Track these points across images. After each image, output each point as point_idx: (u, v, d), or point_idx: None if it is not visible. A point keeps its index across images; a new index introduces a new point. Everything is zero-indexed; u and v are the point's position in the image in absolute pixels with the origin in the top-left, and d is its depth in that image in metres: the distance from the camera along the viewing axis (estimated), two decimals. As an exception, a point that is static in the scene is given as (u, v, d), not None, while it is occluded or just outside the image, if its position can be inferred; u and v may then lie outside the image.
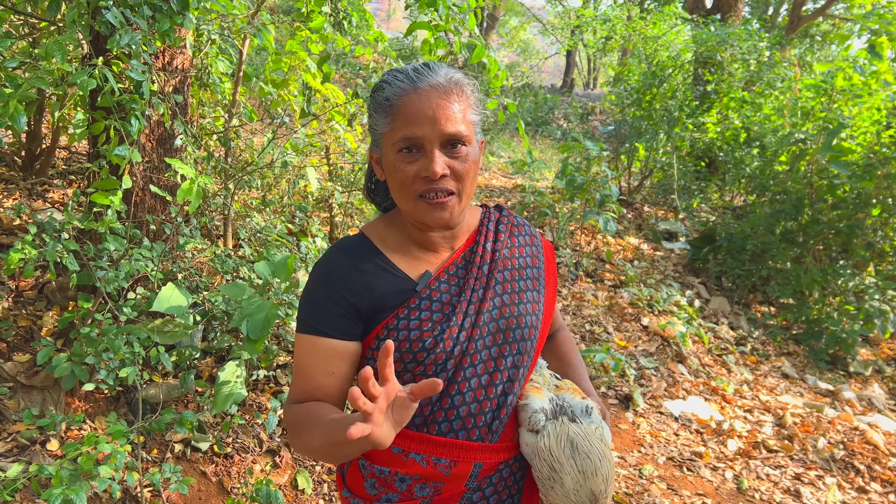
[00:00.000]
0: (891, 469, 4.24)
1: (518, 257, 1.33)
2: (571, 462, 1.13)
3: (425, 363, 1.18)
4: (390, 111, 1.16)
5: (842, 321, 5.92)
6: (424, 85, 1.15)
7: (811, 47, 17.14)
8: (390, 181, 1.21)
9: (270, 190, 3.88)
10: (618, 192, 6.49)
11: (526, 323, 1.27)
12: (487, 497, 1.26)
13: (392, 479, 1.24)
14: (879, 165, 6.13)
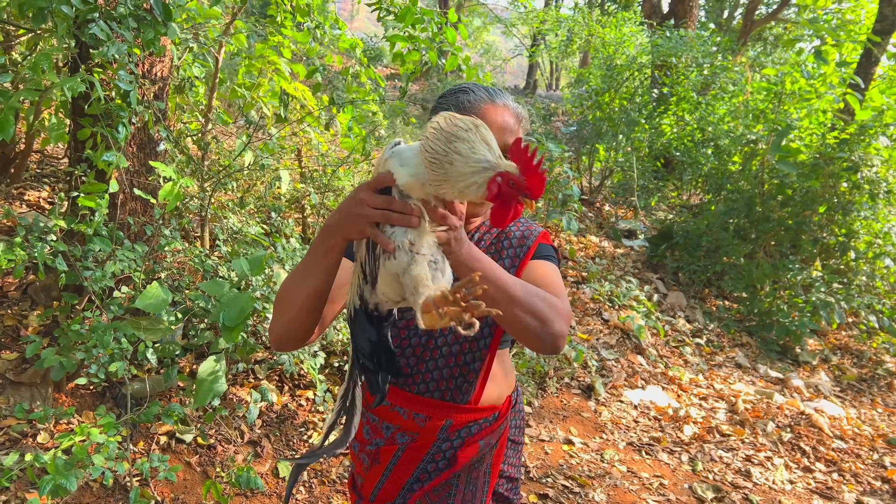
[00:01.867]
0: (834, 450, 4.54)
1: (504, 241, 1.51)
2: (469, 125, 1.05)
3: (399, 326, 1.43)
4: (468, 112, 1.40)
5: (791, 313, 6.24)
6: (500, 102, 1.44)
7: (764, 50, 17.71)
8: None
9: (247, 192, 4.00)
10: (579, 192, 6.72)
11: None
12: (455, 448, 1.47)
13: (380, 426, 1.51)
14: (825, 165, 6.47)
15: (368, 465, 1.54)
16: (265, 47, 3.88)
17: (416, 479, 1.50)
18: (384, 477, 1.51)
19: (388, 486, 1.50)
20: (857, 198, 6.41)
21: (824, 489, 4.08)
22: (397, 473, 1.50)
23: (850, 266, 6.61)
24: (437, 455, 1.49)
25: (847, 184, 6.43)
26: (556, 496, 3.44)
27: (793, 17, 15.39)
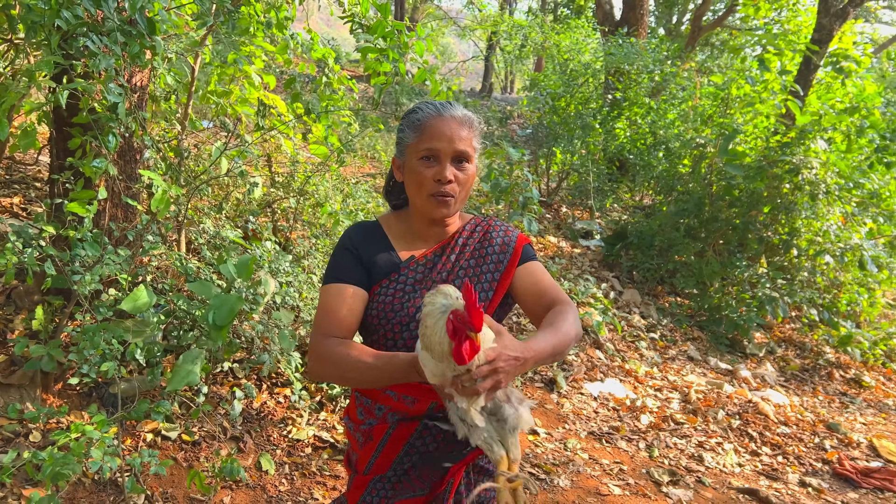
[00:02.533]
0: (779, 435, 4.86)
1: (487, 249, 1.68)
2: (434, 295, 1.31)
3: (392, 322, 1.57)
4: (419, 129, 1.58)
5: (739, 308, 6.59)
6: (448, 114, 1.59)
7: (712, 55, 18.33)
8: (409, 181, 1.61)
9: (225, 198, 4.10)
10: (537, 195, 6.96)
11: (479, 298, 1.61)
12: (440, 428, 1.64)
13: (373, 407, 1.66)
14: (769, 167, 6.84)
15: (362, 442, 1.69)
16: (237, 56, 4.00)
17: (406, 453, 1.65)
18: (377, 452, 1.66)
19: (380, 461, 1.66)
20: (798, 198, 6.79)
21: (770, 471, 4.38)
22: (389, 449, 1.65)
23: (792, 263, 7.00)
24: (424, 432, 1.64)
25: (789, 185, 6.81)
26: (523, 483, 3.64)
27: (738, 24, 15.97)
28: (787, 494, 4.11)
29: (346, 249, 1.64)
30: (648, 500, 3.76)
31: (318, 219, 4.44)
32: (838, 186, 6.74)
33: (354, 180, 5.27)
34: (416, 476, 1.67)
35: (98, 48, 2.53)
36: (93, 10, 2.62)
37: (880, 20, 23.95)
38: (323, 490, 3.16)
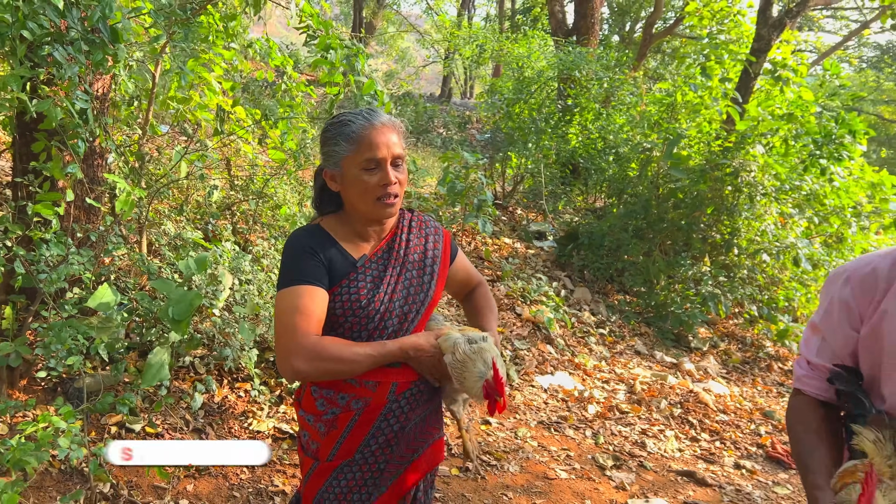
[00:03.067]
0: (718, 422, 5.16)
1: (426, 244, 1.89)
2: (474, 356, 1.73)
3: (360, 316, 1.72)
4: (354, 140, 1.69)
5: (684, 305, 6.91)
6: (378, 123, 1.71)
7: (663, 62, 18.88)
8: (352, 190, 1.72)
9: (185, 200, 4.23)
10: (492, 197, 7.20)
11: (427, 288, 1.85)
12: (402, 406, 1.81)
13: (335, 397, 1.77)
14: (711, 171, 7.19)
15: (325, 431, 1.78)
16: (197, 64, 4.13)
17: (372, 436, 1.77)
18: (342, 439, 1.77)
19: (346, 446, 1.77)
20: (738, 200, 7.16)
21: (708, 455, 4.67)
22: (354, 434, 1.77)
23: (734, 261, 7.37)
24: (388, 415, 1.78)
25: (730, 187, 7.17)
26: (475, 468, 3.85)
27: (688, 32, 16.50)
28: (722, 476, 4.39)
29: (304, 253, 1.70)
30: (593, 482, 3.99)
31: (277, 221, 4.58)
32: (775, 188, 7.11)
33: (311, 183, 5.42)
34: (383, 457, 1.80)
35: (63, 57, 2.66)
36: (57, 20, 2.75)
37: (823, 29, 24.90)
38: (283, 478, 3.32)
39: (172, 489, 3.02)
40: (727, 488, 4.23)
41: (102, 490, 2.84)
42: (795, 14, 9.13)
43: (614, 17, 20.76)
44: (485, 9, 30.31)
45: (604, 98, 9.35)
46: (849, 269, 1.54)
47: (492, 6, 29.18)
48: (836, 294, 1.54)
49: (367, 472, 1.79)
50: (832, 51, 21.45)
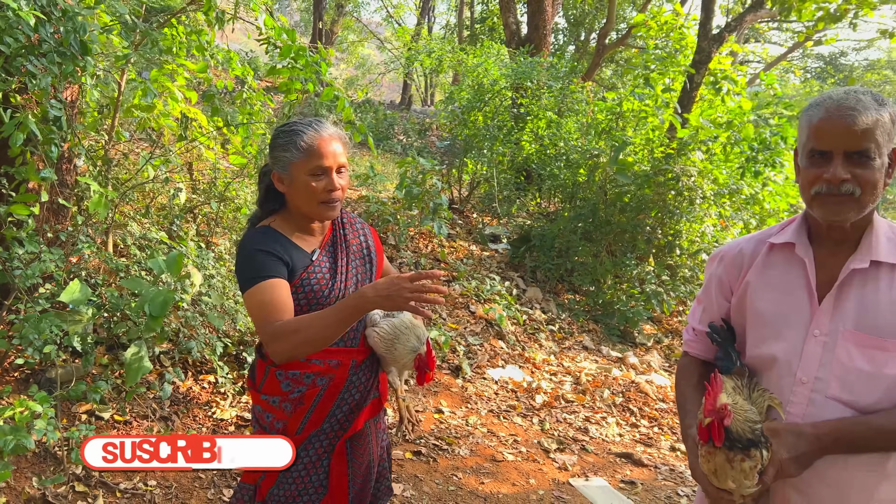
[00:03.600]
0: (656, 410, 5.52)
1: (360, 237, 2.16)
2: (407, 331, 2.01)
3: (322, 305, 1.92)
4: (303, 149, 1.87)
5: (629, 303, 7.30)
6: (325, 133, 1.91)
7: (616, 72, 19.47)
8: (298, 193, 1.90)
9: (151, 203, 4.42)
10: (448, 202, 7.50)
11: (370, 274, 2.13)
12: (360, 377, 2.06)
13: (301, 377, 1.96)
14: (654, 176, 7.60)
15: (291, 409, 1.96)
16: (160, 74, 4.35)
17: (338, 406, 1.99)
18: (309, 413, 1.96)
19: (313, 419, 1.96)
20: (681, 204, 7.58)
21: (646, 439, 5.02)
22: (321, 407, 1.96)
23: (676, 261, 7.79)
24: (350, 387, 2.02)
25: (673, 192, 7.59)
26: (428, 452, 4.13)
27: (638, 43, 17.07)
28: (658, 457, 4.74)
29: (263, 251, 1.85)
30: (538, 464, 4.30)
31: (238, 222, 4.80)
32: (714, 192, 7.56)
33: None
34: (347, 423, 2.03)
35: (37, 69, 2.88)
36: (31, 33, 2.96)
37: (769, 41, 25.92)
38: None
39: (141, 471, 3.22)
40: (662, 468, 4.57)
41: (75, 471, 3.04)
42: (733, 28, 9.66)
43: (570, 27, 21.31)
44: (444, 17, 30.75)
45: (555, 106, 9.74)
46: (723, 251, 1.86)
47: (451, 15, 29.62)
48: (713, 272, 1.86)
49: (333, 438, 2.02)
50: (777, 61, 22.36)
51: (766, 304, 1.68)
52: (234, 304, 4.06)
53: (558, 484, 4.09)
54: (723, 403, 1.47)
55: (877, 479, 1.51)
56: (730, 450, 1.45)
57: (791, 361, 1.60)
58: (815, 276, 1.61)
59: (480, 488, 3.87)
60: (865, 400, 1.51)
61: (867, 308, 1.54)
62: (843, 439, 1.46)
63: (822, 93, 1.60)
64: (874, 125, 1.47)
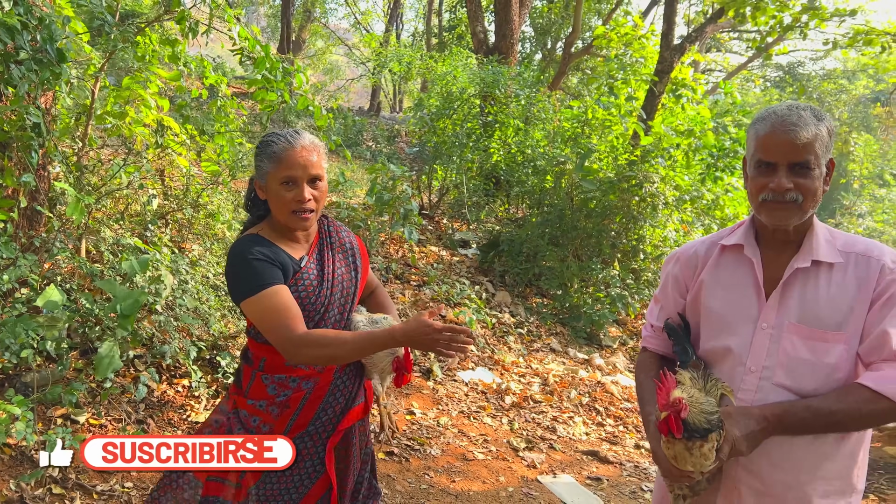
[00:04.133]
0: (622, 409, 5.68)
1: (345, 244, 2.22)
2: None
3: (309, 309, 1.97)
4: (275, 159, 1.93)
5: (595, 306, 7.47)
6: (297, 145, 1.94)
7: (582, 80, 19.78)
8: (273, 201, 1.97)
9: (126, 209, 4.44)
10: (419, 207, 7.60)
11: (355, 281, 2.18)
12: (345, 381, 2.11)
13: (287, 381, 2.00)
14: (619, 183, 7.81)
15: (278, 413, 1.99)
16: (132, 82, 4.38)
17: (322, 409, 2.03)
18: (295, 415, 2.00)
19: (299, 420, 2.00)
20: (644, 210, 7.79)
21: (612, 437, 5.17)
22: (307, 409, 2.01)
23: (640, 265, 8.00)
24: (335, 391, 2.08)
25: (637, 198, 7.80)
26: (401, 452, 4.22)
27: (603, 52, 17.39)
28: (623, 455, 4.89)
29: (258, 259, 1.90)
30: (507, 462, 4.42)
31: (212, 229, 4.84)
32: (675, 198, 7.79)
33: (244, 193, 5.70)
34: (331, 426, 2.08)
35: (18, 76, 2.92)
36: (8, 41, 3.00)
37: (730, 50, 26.55)
38: (221, 463, 3.59)
39: (118, 473, 3.26)
40: (627, 465, 4.73)
41: (52, 474, 3.06)
42: (694, 39, 9.95)
43: (537, 36, 21.61)
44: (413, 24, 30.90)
45: (522, 114, 9.92)
46: (678, 252, 2.01)
47: (419, 23, 29.79)
48: (669, 271, 2.00)
49: (318, 440, 2.07)
50: (738, 70, 22.93)
51: (719, 301, 1.82)
52: (207, 309, 4.11)
53: (527, 481, 4.21)
54: (677, 398, 1.59)
55: (819, 458, 1.66)
56: (688, 440, 1.57)
57: (741, 352, 1.74)
58: (762, 274, 1.76)
59: (452, 486, 3.97)
60: (807, 386, 1.66)
61: (808, 303, 1.69)
62: (786, 419, 1.60)
63: (767, 107, 1.74)
64: (814, 139, 1.62)
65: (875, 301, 1.65)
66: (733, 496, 1.72)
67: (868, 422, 1.63)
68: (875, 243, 1.75)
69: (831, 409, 1.60)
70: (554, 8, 18.86)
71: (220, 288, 4.54)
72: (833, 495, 1.67)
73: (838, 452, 1.67)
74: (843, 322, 1.66)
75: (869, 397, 1.59)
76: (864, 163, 21.80)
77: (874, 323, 1.64)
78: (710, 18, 10.70)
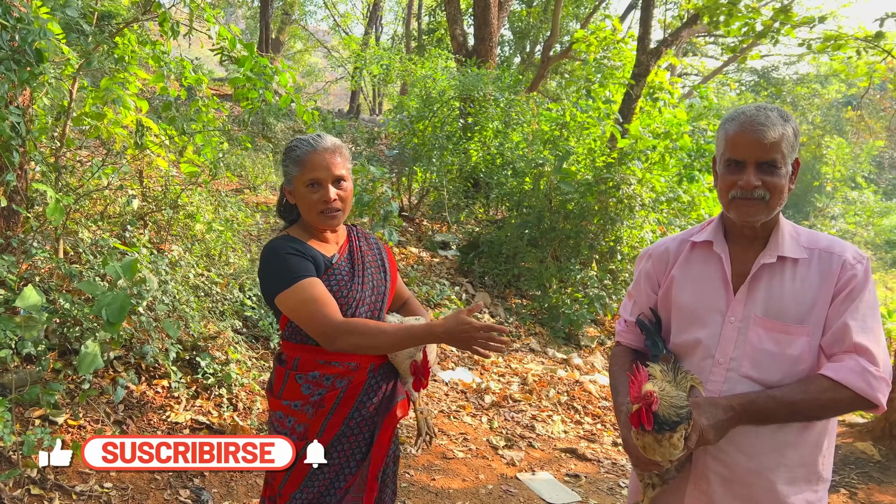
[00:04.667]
0: (599, 408, 5.76)
1: (375, 251, 2.25)
2: None
3: (342, 303, 2.00)
4: (300, 163, 2.01)
5: (574, 307, 7.54)
6: (320, 147, 2.02)
7: (561, 83, 19.93)
8: (301, 204, 2.05)
9: (105, 210, 4.42)
10: (399, 209, 7.63)
11: (386, 284, 2.21)
12: (378, 381, 2.10)
13: (321, 380, 2.02)
14: (596, 185, 7.90)
15: (313, 412, 2.02)
16: (111, 83, 4.38)
17: (357, 409, 2.04)
18: (329, 415, 2.01)
19: (333, 421, 2.02)
20: (622, 211, 7.88)
21: (590, 435, 5.24)
22: (340, 409, 2.02)
23: (618, 266, 8.09)
24: (368, 390, 2.07)
25: (614, 199, 7.89)
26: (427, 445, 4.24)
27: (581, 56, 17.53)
28: (601, 452, 4.96)
29: (292, 254, 1.97)
30: (486, 460, 4.46)
31: (192, 230, 4.84)
32: (652, 200, 7.89)
33: (224, 194, 5.71)
34: (367, 429, 2.08)
35: None
36: (-15, 40, 2.99)
37: (706, 55, 26.91)
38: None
39: (96, 474, 3.26)
40: (605, 462, 4.80)
41: (30, 475, 3.06)
42: (670, 43, 10.09)
43: (516, 39, 21.74)
44: (392, 27, 30.92)
45: (502, 117, 10.00)
46: (651, 249, 2.07)
47: (398, 26, 29.82)
48: (642, 268, 2.06)
49: (353, 443, 2.06)
50: (714, 74, 23.23)
51: (689, 296, 1.88)
52: (188, 310, 4.11)
53: (506, 478, 4.26)
54: (648, 391, 1.64)
55: (782, 446, 1.72)
56: (658, 433, 1.62)
57: (710, 345, 1.80)
58: (730, 269, 1.82)
59: (432, 484, 4.00)
60: (772, 377, 1.72)
61: (774, 297, 1.75)
62: (752, 409, 1.66)
63: (736, 108, 1.81)
64: (780, 139, 1.69)
65: (836, 295, 1.72)
66: (702, 484, 1.78)
67: (829, 411, 1.70)
68: (837, 240, 1.83)
69: (794, 399, 1.66)
70: (532, 12, 18.99)
71: (199, 289, 4.54)
72: (798, 482, 1.74)
73: (801, 441, 1.74)
74: (806, 315, 1.72)
75: (829, 387, 1.65)
76: (836, 166, 22.21)
77: (835, 316, 1.71)
78: (685, 23, 10.86)
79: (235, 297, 4.84)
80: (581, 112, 8.62)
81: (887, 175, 31.15)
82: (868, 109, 23.53)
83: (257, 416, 4.14)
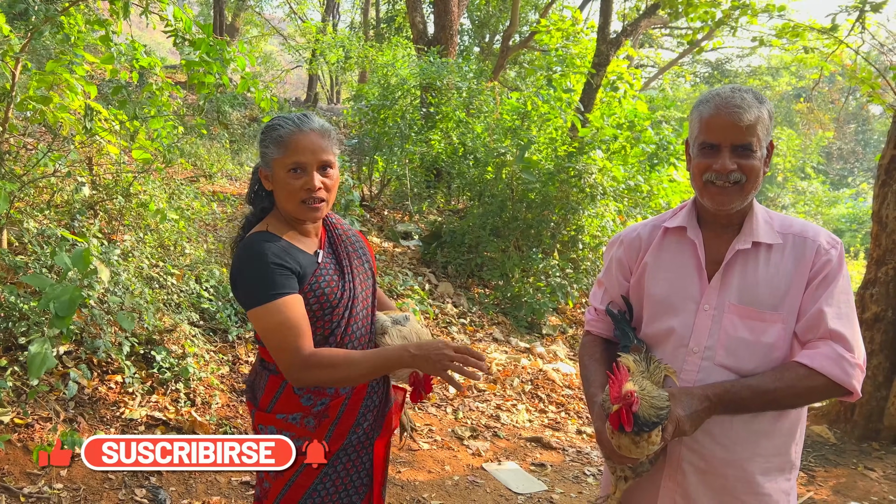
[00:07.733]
0: (563, 396, 5.77)
1: (353, 239, 2.06)
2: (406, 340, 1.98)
3: (334, 305, 1.85)
4: (282, 144, 1.77)
5: (536, 296, 7.55)
6: (307, 128, 1.79)
7: (520, 74, 19.96)
8: (280, 191, 1.82)
9: (51, 198, 4.22)
10: (360, 198, 7.52)
11: (371, 273, 2.07)
12: (380, 383, 2.02)
13: (324, 388, 1.86)
14: (558, 174, 7.90)
15: (315, 424, 1.86)
16: (57, 65, 4.17)
17: (363, 415, 1.92)
18: (334, 424, 1.87)
19: (338, 430, 1.87)
20: (583, 200, 7.91)
21: (554, 423, 5.24)
22: (346, 416, 1.88)
23: (579, 255, 8.12)
24: (371, 393, 1.96)
25: (575, 189, 7.91)
26: (345, 445, 4.16)
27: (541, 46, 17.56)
28: (566, 440, 4.97)
29: (274, 265, 1.74)
30: (452, 451, 4.42)
31: (145, 219, 4.66)
32: (613, 189, 7.94)
33: (179, 182, 5.53)
34: (367, 440, 1.97)
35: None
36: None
37: (662, 46, 27.25)
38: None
39: (47, 474, 3.11)
40: (570, 450, 4.80)
41: (-26, 477, 2.90)
42: (630, 33, 10.16)
43: (475, 28, 21.67)
44: (349, 16, 30.54)
45: (464, 106, 9.93)
46: (622, 235, 2.02)
47: (356, 13, 29.47)
48: (613, 255, 2.02)
49: (356, 460, 1.94)
50: (669, 66, 23.54)
51: (662, 283, 1.85)
52: (142, 303, 3.96)
53: (472, 469, 4.22)
54: (629, 391, 1.59)
55: (757, 436, 1.70)
56: (637, 434, 1.55)
57: (684, 333, 1.77)
58: (704, 256, 1.79)
59: (398, 477, 3.94)
60: (747, 366, 1.70)
61: (748, 284, 1.72)
62: (727, 398, 1.63)
63: (711, 90, 1.77)
64: (756, 121, 1.65)
65: (811, 281, 1.70)
66: (677, 475, 1.75)
67: (805, 399, 1.68)
68: (810, 224, 1.80)
69: (769, 388, 1.64)
70: (492, 1, 18.93)
71: (154, 280, 4.38)
72: (772, 472, 1.72)
73: (776, 430, 1.72)
74: (780, 302, 1.70)
75: (805, 374, 1.63)
76: (787, 156, 22.71)
77: (810, 302, 1.69)
78: (644, 13, 10.95)
79: (192, 288, 4.69)
80: (542, 101, 8.60)
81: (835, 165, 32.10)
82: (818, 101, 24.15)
83: (216, 410, 4.02)
